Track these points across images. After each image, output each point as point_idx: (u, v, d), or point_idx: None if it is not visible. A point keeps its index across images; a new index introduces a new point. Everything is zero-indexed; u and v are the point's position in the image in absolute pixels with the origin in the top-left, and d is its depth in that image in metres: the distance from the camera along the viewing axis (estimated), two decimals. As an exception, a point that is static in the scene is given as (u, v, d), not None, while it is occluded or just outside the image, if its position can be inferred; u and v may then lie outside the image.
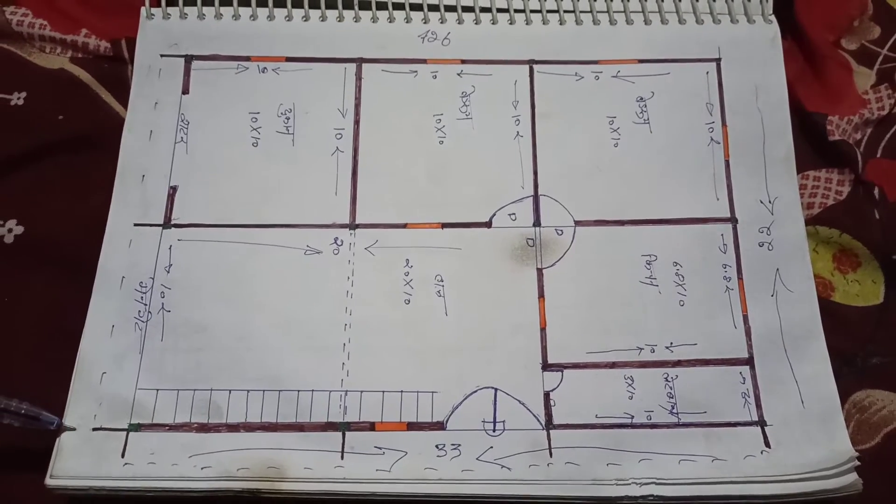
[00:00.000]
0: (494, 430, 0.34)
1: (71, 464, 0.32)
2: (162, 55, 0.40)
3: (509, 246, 0.37)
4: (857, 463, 0.32)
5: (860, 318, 0.37)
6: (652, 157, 0.38)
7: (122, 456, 0.33)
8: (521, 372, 0.35)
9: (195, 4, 0.40)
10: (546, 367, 0.35)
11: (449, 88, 0.40)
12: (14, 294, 0.37)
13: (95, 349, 0.34)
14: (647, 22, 0.41)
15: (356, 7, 0.41)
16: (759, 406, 0.34)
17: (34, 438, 0.33)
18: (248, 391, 0.34)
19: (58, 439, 0.33)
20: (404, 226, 0.37)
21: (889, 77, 0.41)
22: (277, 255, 0.36)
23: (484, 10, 0.41)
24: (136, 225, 0.37)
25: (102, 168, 0.38)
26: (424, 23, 0.41)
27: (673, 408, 0.34)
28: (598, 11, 0.41)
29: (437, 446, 0.33)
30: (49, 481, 0.32)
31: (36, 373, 0.35)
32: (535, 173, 0.38)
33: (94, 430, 0.33)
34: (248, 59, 0.40)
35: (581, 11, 0.41)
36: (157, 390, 0.34)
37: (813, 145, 0.40)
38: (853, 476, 0.32)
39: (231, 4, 0.41)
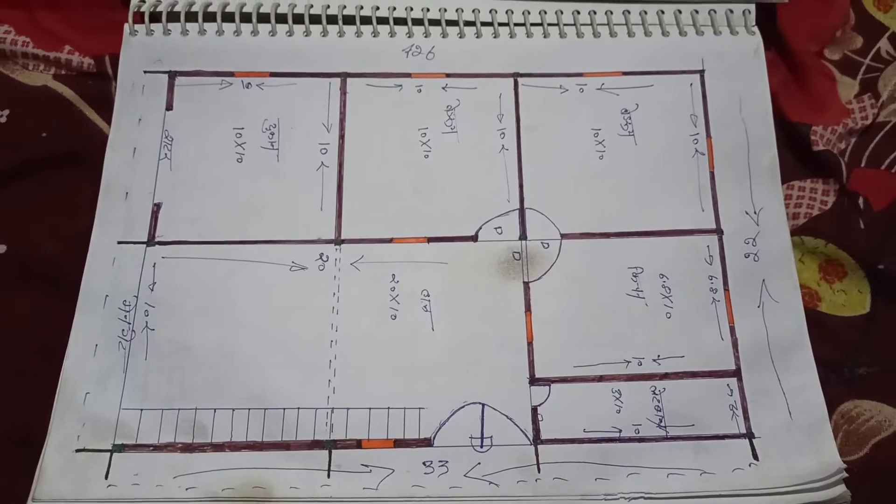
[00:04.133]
0: (482, 446, 0.33)
1: (54, 486, 0.32)
2: (145, 71, 0.40)
3: (495, 260, 0.37)
4: (846, 474, 0.32)
5: (847, 327, 0.37)
6: (637, 170, 0.39)
7: (106, 477, 0.32)
8: (508, 387, 0.35)
9: (178, 20, 0.40)
10: (533, 381, 0.35)
11: (434, 102, 0.40)
12: (-3, 313, 0.36)
13: (79, 369, 0.34)
14: (630, 34, 0.41)
15: (340, 22, 0.41)
16: (746, 418, 0.34)
17: (15, 460, 0.33)
18: (233, 410, 0.34)
19: (41, 460, 0.32)
20: (390, 240, 0.37)
21: (872, 86, 0.41)
22: (262, 272, 0.36)
23: (468, 23, 0.41)
24: (119, 242, 0.36)
25: (86, 185, 0.38)
26: (409, 37, 0.41)
27: (661, 421, 0.34)
28: (581, 24, 0.41)
29: (424, 463, 0.33)
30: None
31: (20, 393, 0.35)
32: (521, 186, 0.38)
33: (78, 451, 0.33)
34: (231, 74, 0.40)
35: (565, 24, 0.41)
36: (141, 410, 0.34)
37: (797, 155, 0.40)
38: (841, 488, 0.32)
39: (214, 20, 0.40)
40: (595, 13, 0.41)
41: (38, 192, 0.39)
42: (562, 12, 0.41)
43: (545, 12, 0.41)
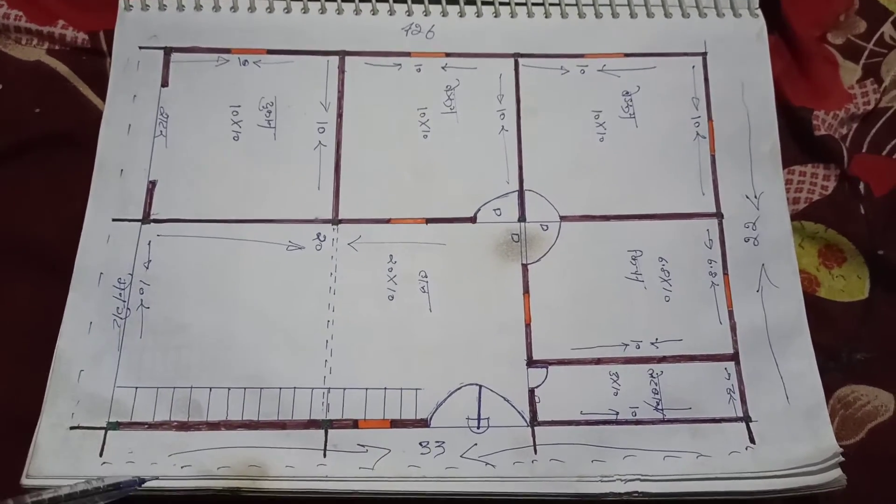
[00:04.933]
0: (479, 428, 0.33)
1: (48, 463, 0.32)
2: (141, 47, 0.39)
3: (494, 241, 0.37)
4: (842, 458, 0.32)
5: (845, 313, 0.37)
6: (638, 152, 0.38)
7: (101, 455, 0.32)
8: (505, 368, 0.34)
9: (175, -5, 0.40)
10: (531, 363, 0.35)
11: (433, 82, 0.39)
12: (-10, 291, 0.36)
13: (73, 347, 0.34)
14: (632, 15, 0.41)
15: (339, -1, 0.40)
16: (743, 402, 0.34)
17: (11, 441, 0.33)
18: (228, 389, 0.33)
19: (34, 438, 0.32)
20: (388, 221, 0.37)
21: (875, 72, 0.41)
22: (259, 251, 0.36)
23: (468, 2, 0.41)
24: (114, 220, 0.36)
25: (80, 162, 0.37)
26: (408, 15, 0.40)
27: (658, 404, 0.34)
28: (583, 4, 0.41)
29: (420, 444, 0.33)
30: (25, 481, 0.31)
31: (14, 371, 0.34)
32: (521, 168, 0.38)
33: (72, 428, 0.32)
34: (228, 51, 0.39)
35: (566, 4, 0.41)
36: (136, 388, 0.33)
37: (799, 140, 0.40)
38: (837, 472, 0.32)
39: (211, -4, 0.40)
40: (597, -7, 0.41)
41: (31, 168, 0.38)
42: (563, -8, 0.41)
43: (547, -8, 0.41)
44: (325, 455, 0.33)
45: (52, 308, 0.35)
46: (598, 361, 0.35)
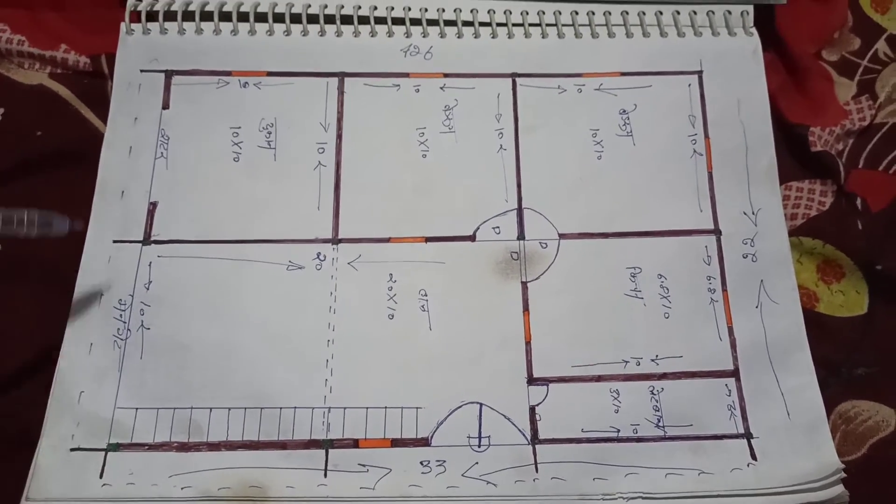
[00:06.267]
0: (480, 446, 0.33)
1: (48, 485, 0.32)
2: (142, 70, 0.39)
3: (493, 259, 0.37)
4: (843, 474, 0.32)
5: (845, 328, 0.37)
6: (635, 170, 0.38)
7: (101, 476, 0.32)
8: (506, 386, 0.34)
9: (175, 19, 0.40)
10: (531, 381, 0.35)
11: (432, 102, 0.40)
12: (-8, 312, 0.36)
13: (74, 368, 0.34)
14: (628, 35, 0.41)
15: (338, 21, 0.41)
16: (744, 418, 0.34)
17: (11, 460, 0.33)
18: (229, 409, 0.33)
19: (35, 459, 0.32)
20: (388, 240, 0.37)
21: (870, 88, 0.42)
22: (259, 271, 0.36)
23: (466, 23, 0.41)
24: (115, 241, 0.36)
25: (82, 184, 0.37)
26: (407, 37, 0.41)
27: (659, 421, 0.34)
28: (580, 25, 0.41)
29: (421, 462, 0.33)
30: (25, 503, 0.31)
31: (15, 391, 0.34)
32: (519, 186, 0.38)
33: (73, 450, 0.32)
34: (229, 73, 0.40)
35: (563, 25, 0.41)
36: (137, 409, 0.33)
37: (795, 156, 0.40)
38: (839, 488, 0.32)
39: (212, 19, 0.40)
40: (593, 14, 0.41)
41: (33, 190, 0.39)
42: (560, 13, 0.41)
43: (543, 12, 0.41)
44: (325, 475, 0.33)
45: (54, 326, 0.35)
46: (599, 378, 0.35)
